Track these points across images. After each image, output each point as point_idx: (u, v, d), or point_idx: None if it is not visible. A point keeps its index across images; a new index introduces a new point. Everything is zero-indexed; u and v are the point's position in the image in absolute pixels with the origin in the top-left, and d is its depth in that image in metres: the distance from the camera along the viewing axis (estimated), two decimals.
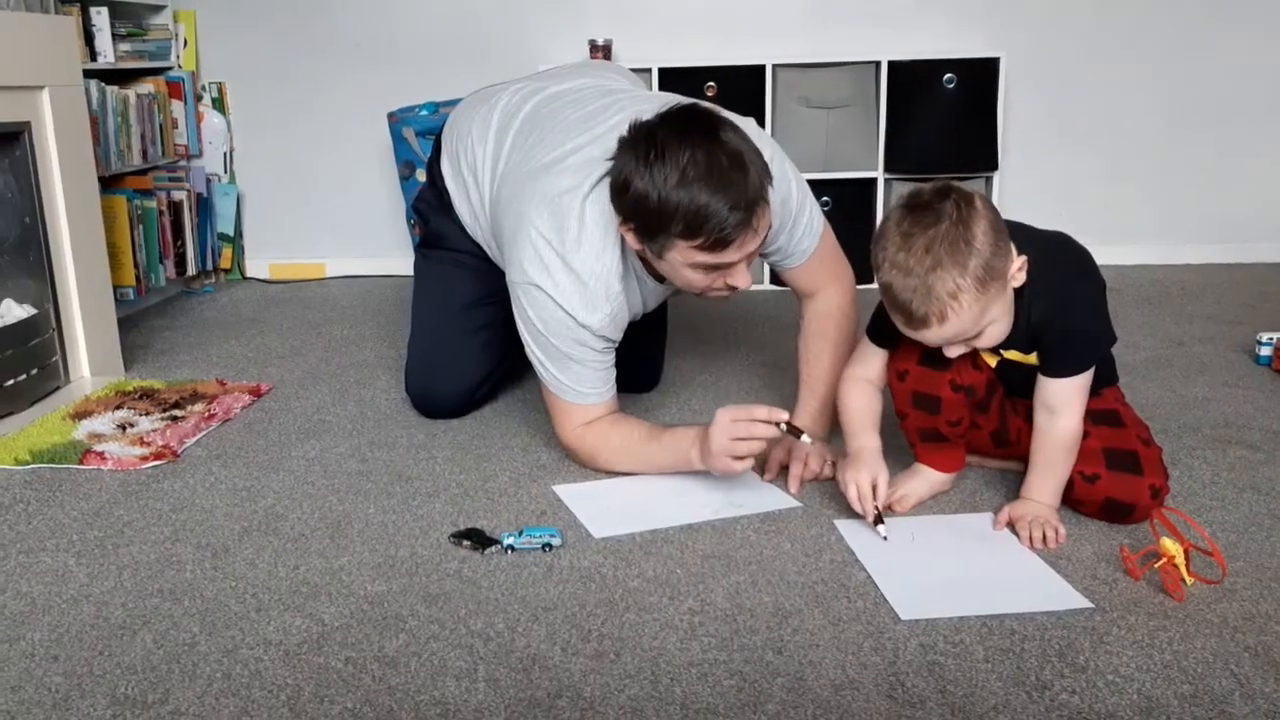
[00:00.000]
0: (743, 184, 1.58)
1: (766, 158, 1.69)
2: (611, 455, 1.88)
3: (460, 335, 2.21)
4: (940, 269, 1.40)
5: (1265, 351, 2.49)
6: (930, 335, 1.46)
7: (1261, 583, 1.45)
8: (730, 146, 1.60)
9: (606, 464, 1.89)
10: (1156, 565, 1.42)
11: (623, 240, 1.76)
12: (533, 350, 1.88)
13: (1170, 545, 1.41)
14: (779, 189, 1.77)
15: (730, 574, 1.52)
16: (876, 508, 1.61)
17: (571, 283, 1.78)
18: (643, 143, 1.62)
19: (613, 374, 1.90)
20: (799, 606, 1.42)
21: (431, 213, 2.27)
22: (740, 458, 1.69)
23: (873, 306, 1.64)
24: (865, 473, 1.62)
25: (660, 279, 1.85)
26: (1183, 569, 1.41)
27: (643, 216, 1.63)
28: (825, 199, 3.58)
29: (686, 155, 1.58)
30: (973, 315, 1.43)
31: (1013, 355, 1.60)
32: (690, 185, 1.57)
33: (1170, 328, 2.88)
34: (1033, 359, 1.59)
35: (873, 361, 1.72)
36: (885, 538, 1.59)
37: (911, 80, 3.48)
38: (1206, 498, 1.75)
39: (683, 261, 1.66)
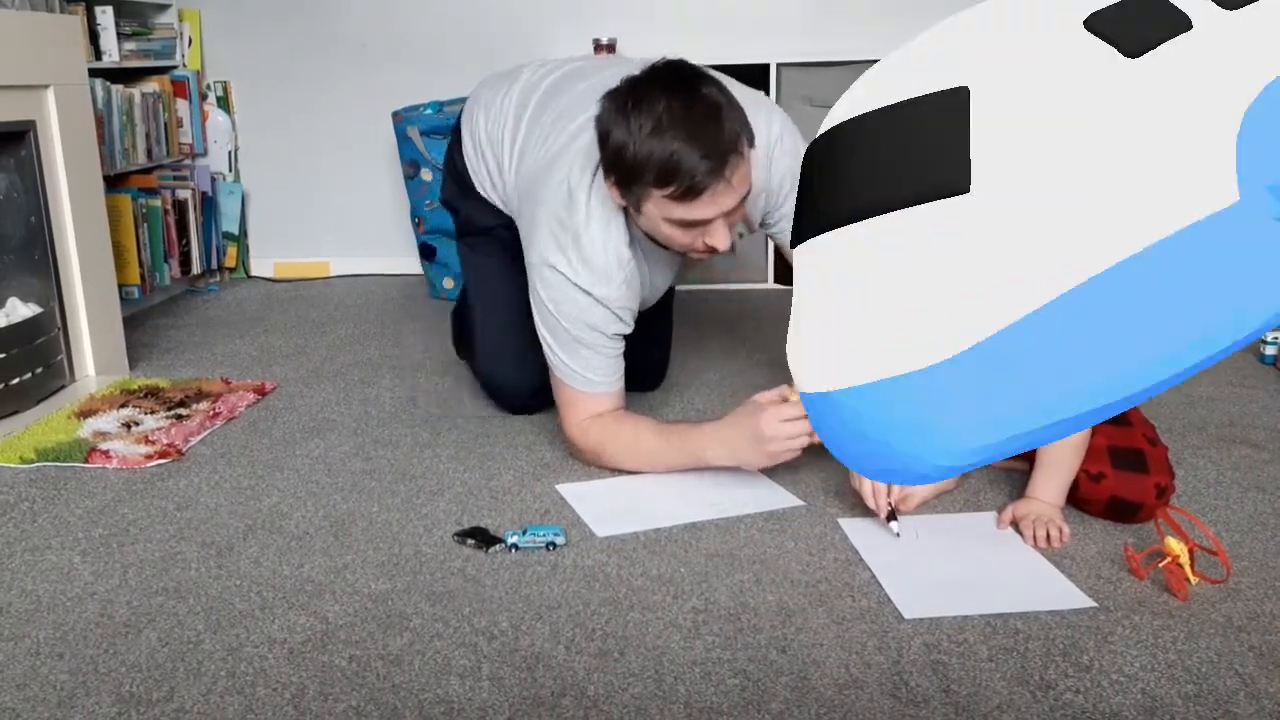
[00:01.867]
0: (717, 134, 1.60)
1: (777, 131, 1.81)
2: (617, 453, 1.88)
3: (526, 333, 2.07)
4: None
5: (1271, 350, 2.48)
6: None
7: (1266, 582, 1.45)
8: (709, 99, 1.63)
9: (611, 461, 1.89)
10: (1161, 565, 1.42)
11: (626, 211, 1.79)
12: (544, 336, 1.90)
13: (1175, 545, 1.41)
14: (788, 158, 1.88)
15: (734, 573, 1.52)
16: (890, 504, 1.61)
17: (583, 258, 1.82)
18: (624, 94, 1.66)
19: (621, 365, 1.92)
20: (803, 605, 1.42)
21: (459, 201, 2.27)
22: (795, 442, 1.69)
23: None
24: None
25: (663, 247, 1.84)
26: (1187, 568, 1.41)
27: (620, 167, 1.67)
28: None
29: (662, 105, 1.61)
30: None
31: None
32: (663, 134, 1.60)
33: None
34: None
35: None
36: (898, 534, 1.59)
37: None
38: (1211, 497, 1.75)
39: (659, 215, 1.68)
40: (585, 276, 1.82)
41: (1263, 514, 1.68)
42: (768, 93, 3.50)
